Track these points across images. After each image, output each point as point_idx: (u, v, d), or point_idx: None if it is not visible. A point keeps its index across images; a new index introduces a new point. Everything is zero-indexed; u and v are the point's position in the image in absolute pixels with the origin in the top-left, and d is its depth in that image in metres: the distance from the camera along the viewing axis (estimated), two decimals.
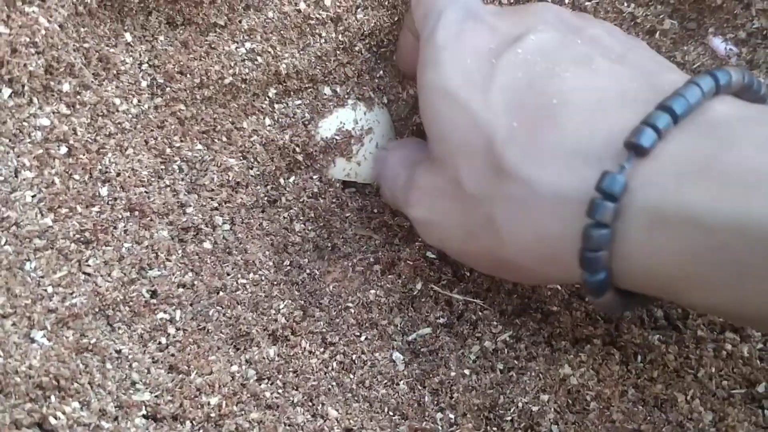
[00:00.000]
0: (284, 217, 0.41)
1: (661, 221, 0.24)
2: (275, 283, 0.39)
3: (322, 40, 0.41)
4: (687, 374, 0.33)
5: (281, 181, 0.42)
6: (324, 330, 0.37)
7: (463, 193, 0.31)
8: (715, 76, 0.26)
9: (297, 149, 0.41)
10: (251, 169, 0.41)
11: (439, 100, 0.32)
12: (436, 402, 0.34)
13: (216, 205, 0.40)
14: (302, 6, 0.40)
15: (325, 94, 0.43)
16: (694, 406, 0.31)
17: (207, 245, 0.39)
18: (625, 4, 0.42)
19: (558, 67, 0.30)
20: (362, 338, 0.37)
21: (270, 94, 0.42)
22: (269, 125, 0.42)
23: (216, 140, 0.41)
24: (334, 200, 0.43)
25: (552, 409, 0.32)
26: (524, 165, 0.28)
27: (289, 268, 0.40)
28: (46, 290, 0.32)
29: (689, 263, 0.24)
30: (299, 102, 0.42)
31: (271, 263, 0.40)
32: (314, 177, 0.43)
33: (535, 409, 0.32)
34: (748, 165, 0.23)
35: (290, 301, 0.38)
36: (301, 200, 0.42)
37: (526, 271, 0.31)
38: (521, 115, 0.29)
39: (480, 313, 0.38)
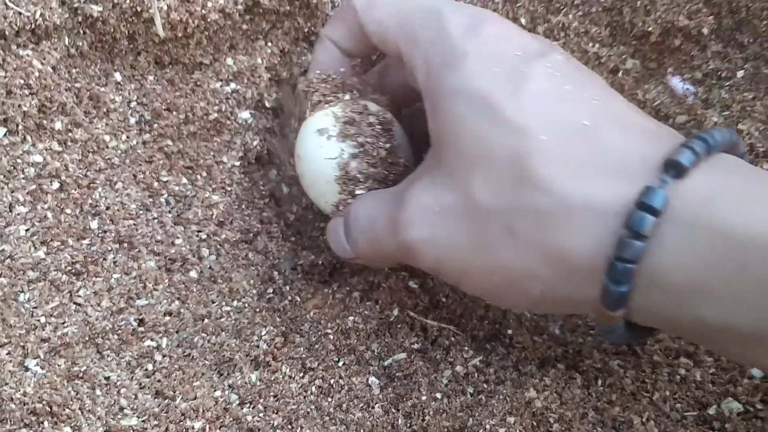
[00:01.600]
0: (269, 249, 0.43)
1: (694, 236, 0.26)
2: (258, 310, 0.41)
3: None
4: (643, 397, 0.35)
5: (265, 213, 0.44)
6: (304, 355, 0.39)
7: (476, 206, 0.30)
8: (720, 132, 0.29)
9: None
10: (235, 203, 0.43)
11: (463, 106, 0.31)
12: (408, 424, 0.36)
13: (204, 237, 0.42)
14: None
15: None
16: (649, 427, 0.33)
17: (193, 274, 0.41)
18: (590, 45, 0.44)
19: (586, 93, 0.31)
20: (340, 363, 0.39)
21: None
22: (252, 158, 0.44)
23: (199, 175, 0.43)
24: (313, 228, 0.45)
25: (518, 431, 0.34)
26: (556, 177, 0.28)
27: (271, 295, 0.42)
28: (39, 320, 0.34)
29: (716, 277, 0.25)
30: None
31: (254, 291, 0.42)
32: (294, 207, 0.45)
33: (501, 430, 0.34)
34: None
35: (272, 328, 0.40)
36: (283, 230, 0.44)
37: (538, 286, 0.30)
38: (550, 129, 0.29)
39: (453, 339, 0.40)
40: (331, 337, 0.40)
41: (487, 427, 0.35)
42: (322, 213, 0.42)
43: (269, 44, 0.43)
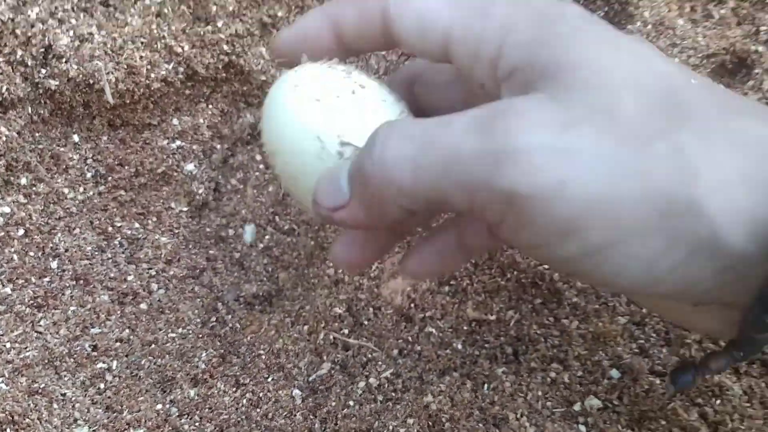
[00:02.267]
0: (214, 283, 0.50)
1: None
2: (200, 336, 0.47)
3: None
4: (519, 397, 0.41)
5: (211, 251, 0.51)
6: (238, 373, 0.45)
7: (632, 124, 0.25)
8: None
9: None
10: (183, 243, 0.50)
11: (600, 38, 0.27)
12: (323, 428, 0.42)
13: (153, 273, 0.48)
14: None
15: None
16: (522, 422, 0.39)
17: (143, 306, 0.47)
18: None
19: None
20: (270, 379, 0.45)
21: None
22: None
23: (150, 220, 0.49)
24: (257, 264, 0.51)
25: (415, 430, 0.40)
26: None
27: (214, 323, 0.48)
28: (5, 345, 0.40)
29: None
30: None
31: (198, 320, 0.48)
32: (239, 246, 0.51)
33: (402, 430, 0.41)
34: None
35: (212, 350, 0.46)
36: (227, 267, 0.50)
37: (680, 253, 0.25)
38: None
39: (370, 355, 0.46)
40: (264, 357, 0.46)
41: (390, 427, 0.41)
42: (265, 250, 0.48)
43: (210, 106, 0.50)
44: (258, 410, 0.43)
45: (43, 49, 0.44)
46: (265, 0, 0.49)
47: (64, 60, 0.44)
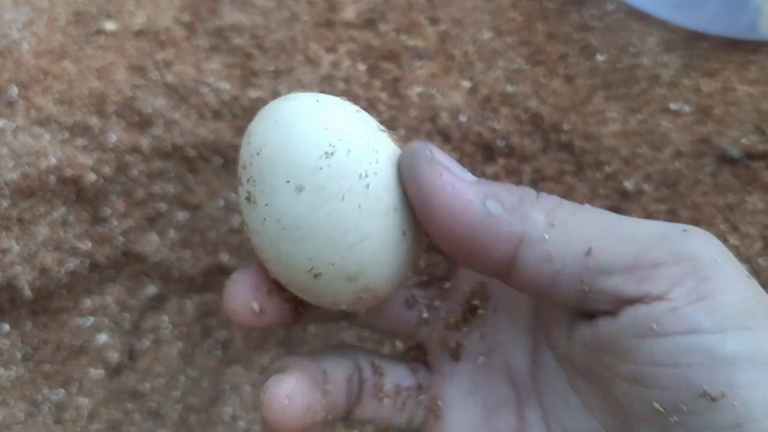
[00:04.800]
0: None
1: None
2: None
3: None
4: None
5: (128, 405, 0.61)
6: None
7: None
8: None
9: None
10: (102, 402, 0.60)
11: None
12: None
13: (78, 430, 0.58)
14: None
15: None
16: None
17: None
18: None
19: None
20: None
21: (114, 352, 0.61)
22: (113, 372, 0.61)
23: (73, 387, 0.60)
24: (174, 412, 0.61)
25: None
26: None
27: None
28: None
29: None
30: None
31: None
32: (155, 397, 0.61)
33: None
34: None
35: None
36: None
37: None
38: None
39: None
40: None
41: None
42: (180, 399, 0.59)
43: (117, 285, 0.61)
44: None
45: None
46: (150, 199, 0.60)
47: None
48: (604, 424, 0.31)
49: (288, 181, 0.28)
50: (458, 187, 0.29)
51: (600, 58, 0.59)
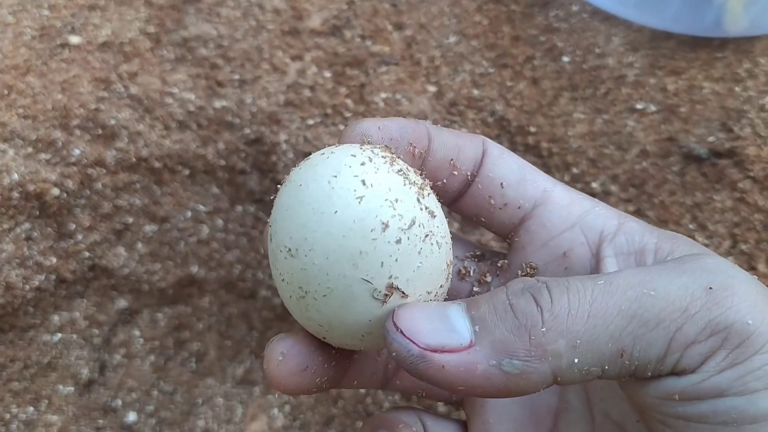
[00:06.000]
0: None
1: None
2: None
3: None
4: None
5: (100, 421, 0.60)
6: None
7: None
8: None
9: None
10: (72, 419, 0.59)
11: None
12: None
13: None
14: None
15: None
16: None
17: None
18: None
19: None
20: None
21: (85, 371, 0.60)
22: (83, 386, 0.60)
23: (42, 404, 0.59)
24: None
25: None
26: None
27: None
28: None
29: None
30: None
31: None
32: (128, 413, 0.61)
33: None
34: None
35: None
36: None
37: None
38: None
39: None
40: None
41: None
42: (153, 413, 0.58)
43: (85, 300, 0.61)
44: None
45: None
46: (116, 212, 0.60)
47: None
48: None
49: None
50: (466, 366, 0.26)
51: (565, 59, 0.59)
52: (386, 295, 0.27)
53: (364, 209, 0.26)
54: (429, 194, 0.29)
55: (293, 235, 0.27)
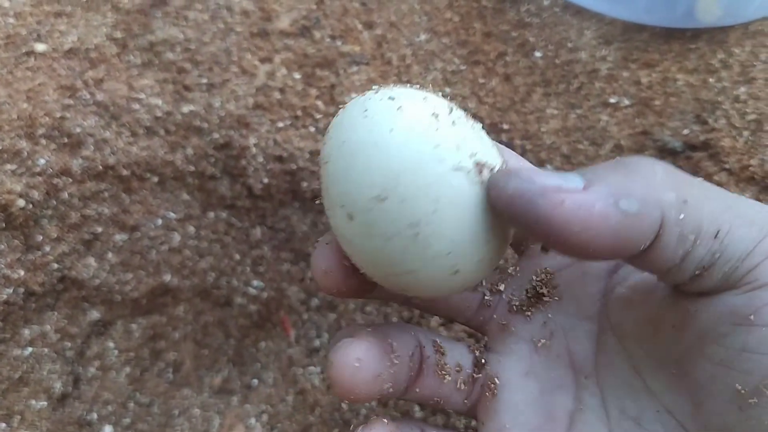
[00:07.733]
0: None
1: None
2: None
3: None
4: None
5: None
6: None
7: None
8: None
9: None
10: None
11: None
12: None
13: None
14: None
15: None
16: None
17: None
18: None
19: None
20: None
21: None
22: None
23: (15, 419, 0.58)
24: None
25: None
26: None
27: None
28: None
29: None
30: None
31: None
32: (104, 427, 0.60)
33: None
34: None
35: None
36: None
37: None
38: None
39: None
40: None
41: None
42: (130, 426, 0.57)
43: (56, 313, 0.60)
44: None
45: None
46: (84, 222, 0.58)
47: None
48: (667, 403, 0.31)
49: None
50: (584, 204, 0.26)
51: (538, 54, 0.58)
52: (479, 170, 0.27)
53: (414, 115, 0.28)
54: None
55: (381, 178, 0.27)
